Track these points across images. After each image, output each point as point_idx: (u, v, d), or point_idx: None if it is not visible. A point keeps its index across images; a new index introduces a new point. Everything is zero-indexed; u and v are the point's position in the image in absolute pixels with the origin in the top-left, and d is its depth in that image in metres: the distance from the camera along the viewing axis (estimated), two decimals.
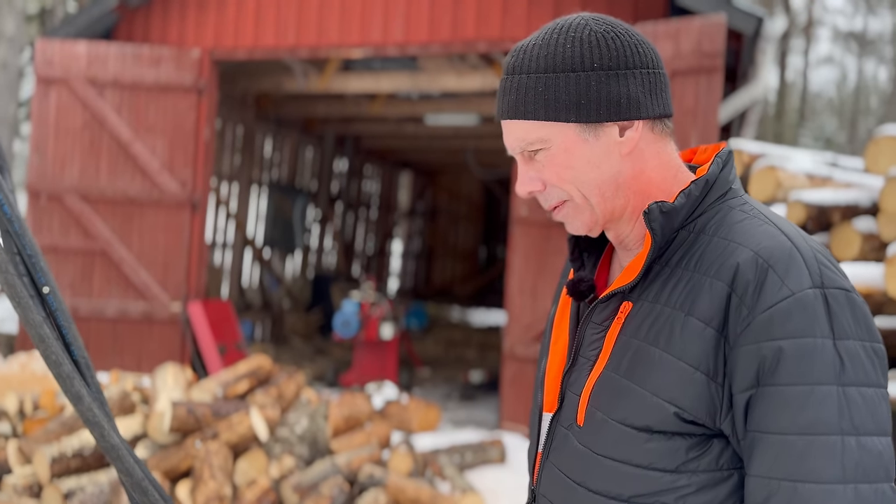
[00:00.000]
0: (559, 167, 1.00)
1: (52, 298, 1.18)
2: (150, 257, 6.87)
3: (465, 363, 9.36)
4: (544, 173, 1.01)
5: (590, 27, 0.98)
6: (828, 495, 0.82)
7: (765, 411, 0.85)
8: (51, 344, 1.11)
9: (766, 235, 0.91)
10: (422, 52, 6.41)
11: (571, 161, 0.99)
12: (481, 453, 4.79)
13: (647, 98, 0.99)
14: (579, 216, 1.03)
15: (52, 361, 1.11)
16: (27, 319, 1.11)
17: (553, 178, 1.01)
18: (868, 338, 0.87)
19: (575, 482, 0.98)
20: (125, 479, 1.11)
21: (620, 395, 0.94)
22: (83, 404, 1.11)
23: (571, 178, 1.00)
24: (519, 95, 0.99)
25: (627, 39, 0.98)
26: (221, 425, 3.64)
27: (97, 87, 6.83)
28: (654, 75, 0.99)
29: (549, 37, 0.99)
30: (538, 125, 0.99)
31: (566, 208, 1.03)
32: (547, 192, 1.02)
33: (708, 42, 5.05)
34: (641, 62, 0.98)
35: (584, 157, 0.99)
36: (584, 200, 1.01)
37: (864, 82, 25.89)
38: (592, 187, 1.00)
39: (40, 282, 1.18)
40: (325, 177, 11.71)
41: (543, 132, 0.99)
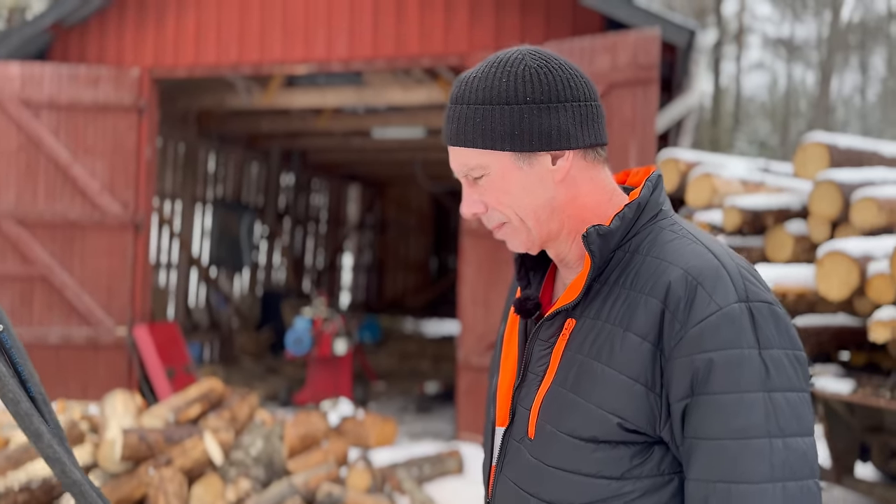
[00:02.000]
0: (497, 192, 1.06)
1: (5, 336, 1.18)
2: (93, 281, 6.71)
3: (419, 375, 9.37)
4: (485, 197, 1.08)
5: (525, 62, 1.04)
6: (759, 494, 0.89)
7: (700, 419, 0.92)
8: (7, 382, 1.11)
9: (695, 254, 0.99)
10: (366, 67, 6.44)
11: (508, 186, 1.05)
12: (439, 465, 4.83)
13: (578, 129, 1.05)
14: (517, 237, 1.09)
15: (10, 399, 1.11)
16: None
17: (492, 201, 1.07)
18: (790, 346, 0.94)
19: (528, 493, 1.03)
20: None
21: (568, 409, 1.00)
22: (43, 442, 1.11)
23: (508, 202, 1.06)
24: (460, 125, 1.06)
25: (560, 74, 1.05)
26: (175, 451, 3.58)
27: (32, 108, 6.66)
28: (586, 107, 1.06)
29: (489, 70, 1.05)
30: (477, 153, 1.05)
31: (505, 229, 1.10)
32: (489, 214, 1.09)
33: (643, 55, 5.23)
34: (573, 96, 1.05)
35: (519, 183, 1.05)
36: (521, 223, 1.07)
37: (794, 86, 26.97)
38: (528, 211, 1.06)
39: None
40: (272, 192, 11.60)
41: (482, 159, 1.05)
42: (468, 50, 6.06)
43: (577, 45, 5.50)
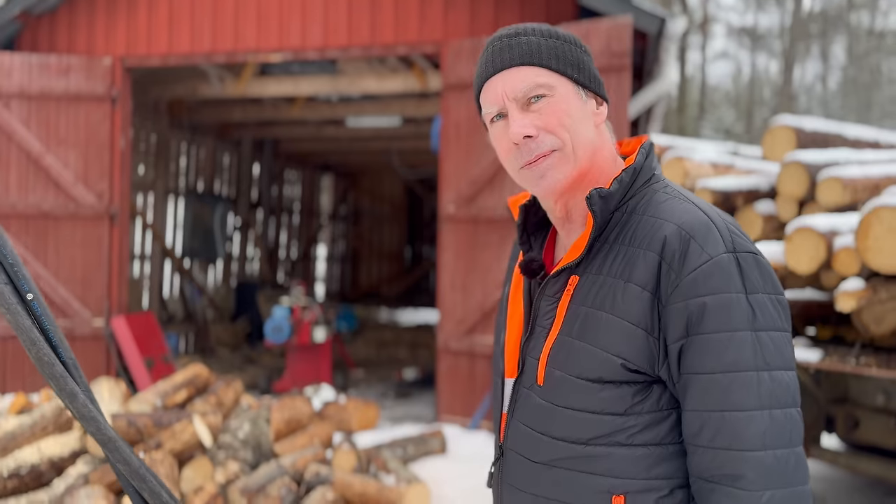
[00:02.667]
0: (561, 113, 1.13)
1: (36, 304, 1.23)
2: (68, 273, 6.65)
3: (397, 362, 9.46)
4: (542, 119, 1.13)
5: None
6: (748, 420, 1.00)
7: (694, 356, 1.03)
8: (42, 346, 1.17)
9: (687, 212, 1.09)
10: (341, 55, 6.47)
11: (571, 111, 1.14)
12: (423, 445, 4.92)
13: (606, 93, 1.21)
14: (563, 166, 1.14)
15: (45, 363, 1.16)
16: (17, 324, 1.16)
17: (553, 122, 1.12)
18: (773, 291, 1.06)
19: (539, 433, 1.13)
20: (123, 468, 1.18)
21: (575, 354, 1.10)
22: (78, 401, 1.17)
23: (569, 125, 1.13)
24: (531, 47, 1.14)
25: None
26: (164, 435, 3.62)
27: (2, 98, 6.56)
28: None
29: (542, 25, 1.19)
30: (547, 73, 1.13)
31: (553, 158, 1.14)
32: (539, 140, 1.13)
33: (616, 42, 5.35)
34: None
35: (578, 111, 1.15)
36: (571, 151, 1.14)
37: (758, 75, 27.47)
38: (581, 138, 1.15)
39: (23, 289, 1.23)
40: (245, 183, 11.55)
41: (550, 79, 1.14)
42: (443, 38, 6.12)
43: None
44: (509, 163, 1.17)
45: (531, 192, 1.21)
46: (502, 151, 1.17)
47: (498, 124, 1.16)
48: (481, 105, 1.19)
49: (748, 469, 0.99)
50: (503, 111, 1.15)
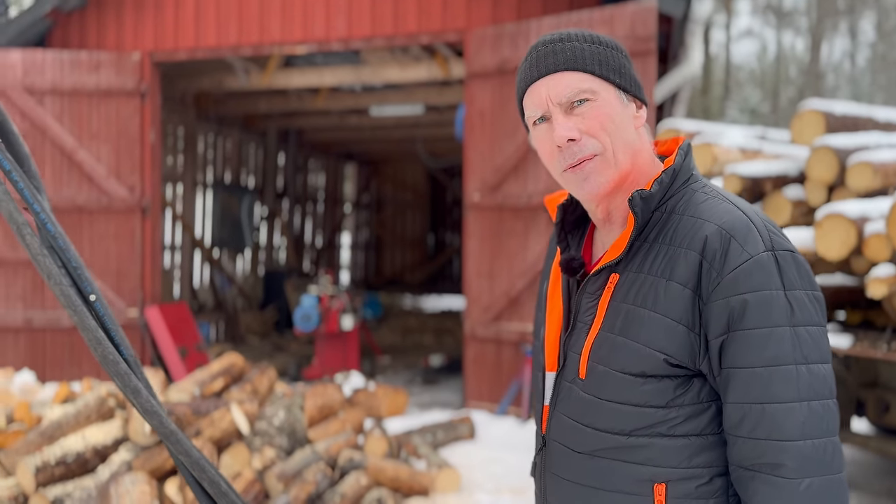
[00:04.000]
0: (603, 117, 1.17)
1: (98, 305, 1.30)
2: (102, 265, 6.81)
3: (422, 349, 9.55)
4: (585, 123, 1.17)
5: None
6: (788, 412, 1.05)
7: (735, 351, 1.07)
8: (107, 346, 1.24)
9: (726, 212, 1.13)
10: (365, 45, 6.51)
11: (613, 115, 1.18)
12: (452, 431, 5.00)
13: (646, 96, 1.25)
14: (605, 171, 1.18)
15: (110, 361, 1.23)
16: (83, 325, 1.23)
17: (596, 126, 1.16)
18: (810, 287, 1.10)
19: (583, 425, 1.18)
20: (185, 459, 1.25)
21: (618, 349, 1.15)
22: (142, 397, 1.24)
23: (611, 129, 1.17)
24: (575, 53, 1.18)
25: None
26: (203, 423, 3.73)
27: (35, 95, 6.71)
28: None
29: (582, 30, 1.22)
30: (591, 78, 1.17)
31: (595, 162, 1.17)
32: (581, 143, 1.17)
33: (641, 27, 5.32)
34: None
35: (620, 115, 1.19)
36: (613, 156, 1.18)
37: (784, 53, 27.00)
38: (623, 143, 1.18)
39: (86, 290, 1.30)
40: (270, 173, 11.67)
41: (594, 84, 1.17)
42: (466, 26, 6.13)
43: (574, 19, 5.58)
44: (553, 165, 1.21)
45: (574, 195, 1.24)
46: (545, 154, 1.21)
47: (541, 127, 1.20)
48: (524, 108, 1.23)
49: (787, 458, 1.04)
50: (547, 114, 1.19)
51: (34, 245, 1.25)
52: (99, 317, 1.31)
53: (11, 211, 1.25)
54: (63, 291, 1.24)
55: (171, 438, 1.24)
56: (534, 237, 5.83)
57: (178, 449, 1.25)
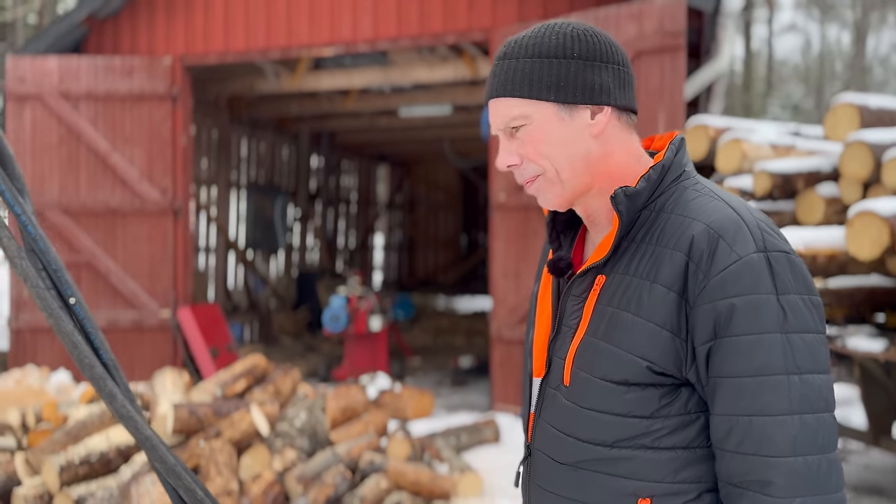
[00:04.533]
0: (537, 142, 1.13)
1: (78, 308, 1.29)
2: (135, 266, 6.93)
3: (453, 350, 9.51)
4: (523, 148, 1.14)
5: (572, 26, 1.14)
6: (778, 425, 0.97)
7: (722, 359, 1.00)
8: (83, 349, 1.22)
9: (716, 210, 1.06)
10: (391, 46, 6.50)
11: (548, 136, 1.12)
12: (476, 434, 4.94)
13: (616, 90, 1.13)
14: (551, 189, 1.15)
15: (86, 365, 1.22)
16: (59, 328, 1.22)
17: (531, 152, 1.13)
18: (806, 291, 1.02)
19: (565, 434, 1.12)
20: (160, 465, 1.23)
21: (600, 355, 1.08)
22: (117, 401, 1.22)
23: (547, 152, 1.13)
24: (507, 76, 1.13)
25: (603, 39, 1.14)
26: (223, 423, 3.75)
27: (71, 100, 6.85)
28: (623, 73, 1.15)
29: (537, 31, 1.14)
30: (521, 102, 1.12)
31: (539, 182, 1.15)
32: (523, 167, 1.15)
33: (670, 22, 5.20)
34: (613, 59, 1.13)
35: (559, 134, 1.12)
36: (556, 175, 1.14)
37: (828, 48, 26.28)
38: (564, 162, 1.13)
39: (66, 293, 1.29)
40: (303, 175, 11.76)
41: (525, 109, 1.12)
42: (492, 25, 6.08)
43: (602, 14, 5.49)
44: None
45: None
46: None
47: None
48: None
49: (777, 475, 0.97)
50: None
51: (11, 247, 1.24)
52: (78, 320, 1.30)
53: None
54: (39, 294, 1.23)
55: (147, 444, 1.22)
56: None
57: (153, 455, 1.23)
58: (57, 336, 1.23)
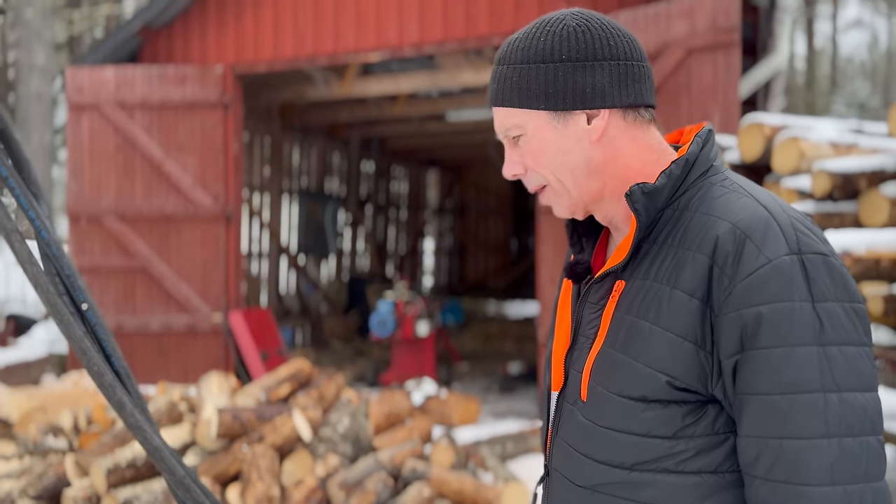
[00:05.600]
0: (534, 152, 1.06)
1: (91, 314, 1.27)
2: (188, 271, 7.06)
3: (503, 356, 9.41)
4: (524, 158, 1.07)
5: (565, 22, 1.04)
6: (812, 450, 0.86)
7: (749, 374, 0.90)
8: (92, 356, 1.20)
9: (744, 207, 0.96)
10: (438, 49, 6.46)
11: (544, 146, 1.05)
12: (522, 443, 4.84)
13: (614, 88, 1.03)
14: (559, 199, 1.09)
15: (95, 372, 1.19)
16: (69, 335, 1.20)
17: (531, 162, 1.07)
18: (847, 299, 0.90)
19: (581, 454, 1.04)
20: (168, 477, 1.20)
21: (617, 369, 0.99)
22: (126, 410, 1.19)
23: (546, 162, 1.06)
24: (499, 84, 1.06)
25: (599, 33, 1.03)
26: (266, 428, 3.75)
27: (126, 109, 7.04)
28: (625, 66, 1.03)
29: (530, 31, 1.06)
30: (515, 112, 1.05)
31: (547, 192, 1.09)
32: (528, 176, 1.09)
33: (723, 17, 5.02)
34: (611, 54, 1.02)
35: (555, 143, 1.04)
36: (560, 184, 1.07)
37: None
38: (565, 171, 1.05)
39: (79, 299, 1.27)
40: (354, 180, 11.85)
41: (519, 119, 1.05)
42: None
43: (651, 12, 5.33)
44: None
45: None
46: None
47: None
48: None
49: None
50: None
51: (23, 252, 1.23)
52: (91, 327, 1.28)
53: (1, 217, 1.23)
54: (49, 300, 1.21)
55: (156, 455, 1.19)
56: None
57: (162, 466, 1.19)
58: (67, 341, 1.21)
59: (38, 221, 1.28)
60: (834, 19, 24.19)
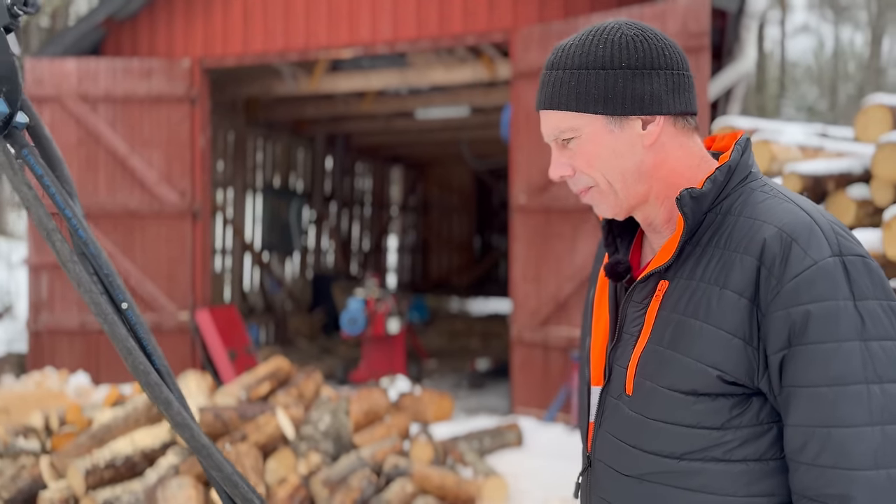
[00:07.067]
0: (588, 155, 1.10)
1: (130, 313, 1.27)
2: (154, 268, 6.93)
3: (469, 353, 9.47)
4: (575, 160, 1.11)
5: (622, 31, 1.09)
6: (858, 437, 0.93)
7: (797, 368, 0.96)
8: (137, 355, 1.20)
9: (788, 212, 1.02)
10: (411, 48, 6.48)
11: (598, 150, 1.09)
12: (499, 438, 4.91)
13: (669, 96, 1.08)
14: (605, 200, 1.13)
15: (141, 371, 1.19)
16: (114, 334, 1.19)
17: (582, 164, 1.11)
18: (884, 297, 0.98)
19: (630, 445, 1.09)
20: (216, 474, 1.21)
21: (667, 365, 1.05)
22: (173, 409, 1.19)
23: (598, 165, 1.10)
24: (555, 89, 1.10)
25: (655, 43, 1.08)
26: (249, 427, 3.73)
27: (89, 102, 6.87)
28: (678, 76, 1.09)
29: (586, 38, 1.10)
30: (570, 115, 1.09)
31: (592, 193, 1.13)
32: (576, 178, 1.13)
33: (694, 22, 5.16)
34: (666, 64, 1.08)
35: (609, 146, 1.09)
36: (609, 186, 1.11)
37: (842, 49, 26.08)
38: (616, 174, 1.10)
39: (118, 299, 1.26)
40: (318, 177, 11.77)
41: (575, 122, 1.09)
42: (512, 25, 6.05)
43: (623, 15, 5.44)
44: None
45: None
46: None
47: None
48: None
49: (857, 490, 0.93)
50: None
51: (64, 251, 1.22)
52: (131, 325, 1.28)
53: (41, 216, 1.22)
54: (93, 299, 1.21)
55: (203, 452, 1.20)
56: (582, 240, 5.70)
57: (209, 463, 1.20)
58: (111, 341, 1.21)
59: (74, 220, 1.28)
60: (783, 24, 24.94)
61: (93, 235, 1.29)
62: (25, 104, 1.23)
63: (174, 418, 1.19)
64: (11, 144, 1.24)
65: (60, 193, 1.28)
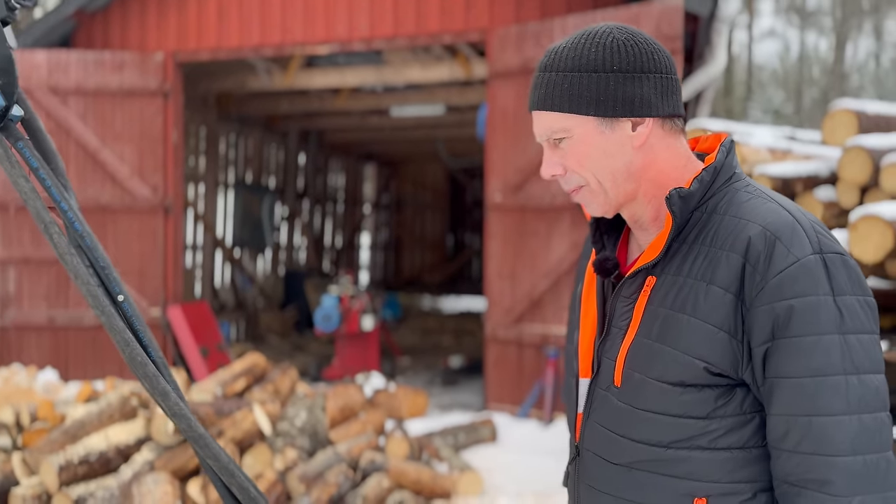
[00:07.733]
0: (579, 155, 1.14)
1: (126, 305, 1.28)
2: (125, 264, 6.85)
3: (442, 350, 9.51)
4: (566, 160, 1.15)
5: (613, 35, 1.13)
6: (837, 425, 0.99)
7: (780, 360, 1.02)
8: (135, 347, 1.21)
9: (771, 212, 1.08)
10: (387, 45, 6.49)
11: (589, 150, 1.13)
12: (473, 433, 4.96)
13: (658, 99, 1.13)
14: (595, 199, 1.17)
15: (139, 363, 1.21)
16: (111, 326, 1.21)
17: (573, 164, 1.15)
18: (861, 293, 1.04)
19: (619, 435, 1.13)
20: (213, 463, 1.23)
21: (655, 357, 1.10)
22: (170, 400, 1.21)
23: (589, 165, 1.14)
24: (547, 90, 1.14)
25: (645, 47, 1.12)
26: (225, 423, 3.72)
27: (59, 95, 6.76)
28: (666, 79, 1.14)
29: (578, 41, 1.14)
30: (562, 117, 1.13)
31: (583, 192, 1.17)
32: (567, 177, 1.17)
33: (667, 25, 5.25)
34: (655, 68, 1.12)
35: (600, 147, 1.13)
36: (599, 185, 1.15)
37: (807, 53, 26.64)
38: (606, 174, 1.14)
39: (114, 291, 1.28)
40: (291, 173, 11.70)
41: (566, 123, 1.13)
42: (489, 25, 6.09)
43: (599, 17, 5.52)
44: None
45: None
46: None
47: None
48: None
49: (836, 474, 0.99)
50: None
51: (62, 244, 1.24)
52: (127, 317, 1.29)
53: (39, 209, 1.23)
54: (90, 291, 1.22)
55: (200, 442, 1.22)
56: (557, 238, 5.77)
57: (206, 453, 1.22)
58: (108, 334, 1.22)
59: (70, 213, 1.29)
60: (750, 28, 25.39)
61: (88, 228, 1.30)
62: (20, 97, 1.23)
63: (171, 409, 1.21)
64: (7, 137, 1.24)
65: (56, 186, 1.29)
